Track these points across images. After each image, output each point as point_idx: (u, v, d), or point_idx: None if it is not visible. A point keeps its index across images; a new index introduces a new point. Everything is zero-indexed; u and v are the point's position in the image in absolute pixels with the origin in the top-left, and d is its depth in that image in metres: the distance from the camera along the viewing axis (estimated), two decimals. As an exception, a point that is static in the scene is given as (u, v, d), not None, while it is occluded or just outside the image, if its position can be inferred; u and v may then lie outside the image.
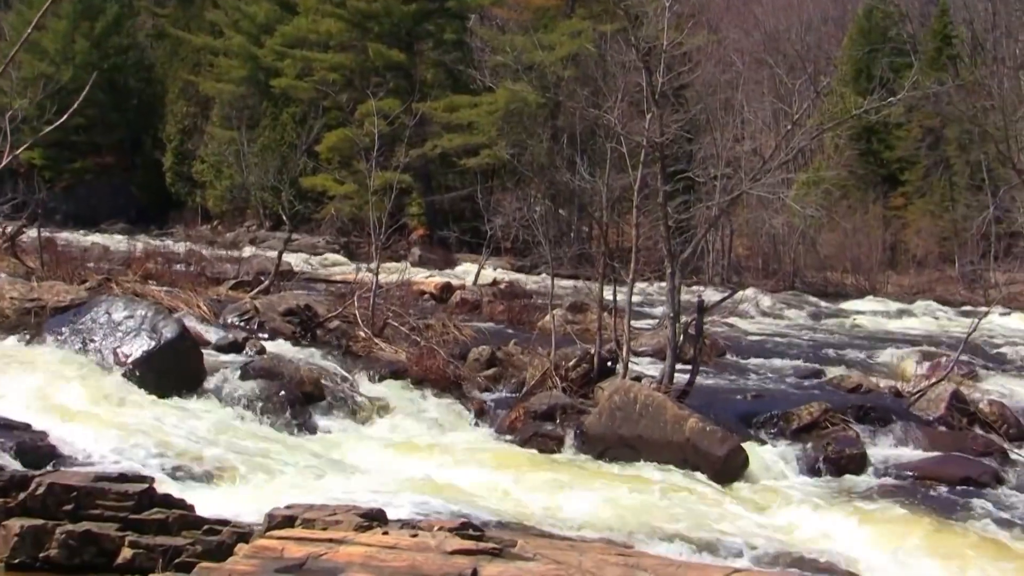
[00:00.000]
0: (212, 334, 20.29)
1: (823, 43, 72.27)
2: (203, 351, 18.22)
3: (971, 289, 47.85)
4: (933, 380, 20.06)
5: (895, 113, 47.50)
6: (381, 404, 17.76)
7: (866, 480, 15.88)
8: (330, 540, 8.25)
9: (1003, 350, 27.41)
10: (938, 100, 49.50)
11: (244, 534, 8.96)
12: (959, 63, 56.60)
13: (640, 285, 25.16)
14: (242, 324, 21.76)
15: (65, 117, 26.85)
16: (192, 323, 19.96)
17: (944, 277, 52.34)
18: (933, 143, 56.91)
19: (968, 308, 37.39)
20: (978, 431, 17.86)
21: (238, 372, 17.43)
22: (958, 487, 15.28)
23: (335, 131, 53.61)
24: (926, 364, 23.61)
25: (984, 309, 25.43)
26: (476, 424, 17.65)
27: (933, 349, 25.96)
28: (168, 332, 17.20)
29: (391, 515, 8.98)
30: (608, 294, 21.02)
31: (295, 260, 39.71)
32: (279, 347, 20.16)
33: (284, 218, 31.23)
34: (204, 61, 70.64)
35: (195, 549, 8.78)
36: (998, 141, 49.69)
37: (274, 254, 31.45)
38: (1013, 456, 16.80)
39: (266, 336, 20.96)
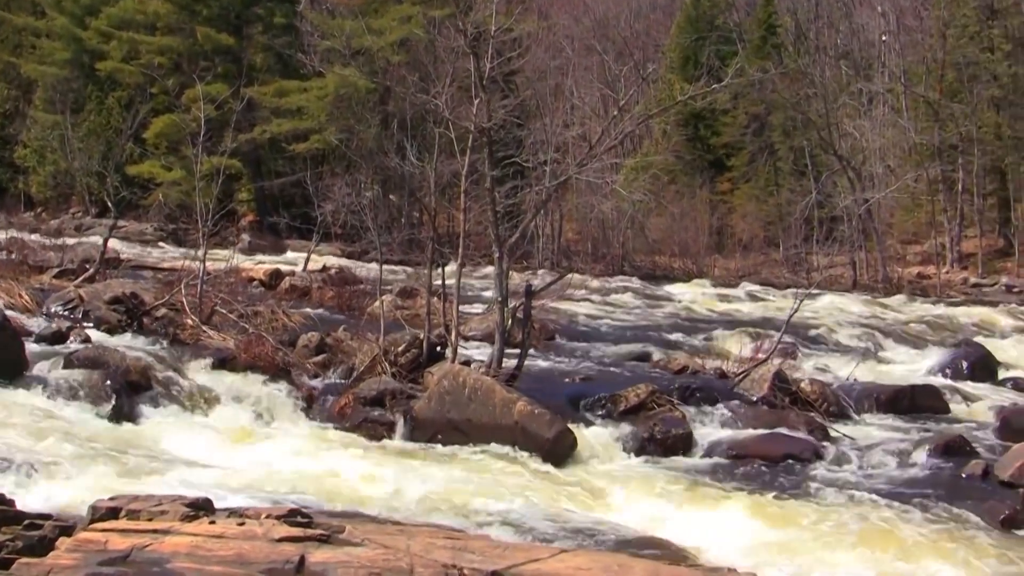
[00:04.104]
0: (34, 324, 19.94)
1: (651, 30, 73.31)
2: (24, 341, 17.86)
3: (794, 272, 48.99)
4: (757, 361, 20.51)
5: (721, 100, 48.63)
6: (209, 392, 17.55)
7: (693, 459, 16.22)
8: (155, 531, 8.16)
9: (823, 330, 28.11)
10: (763, 87, 50.86)
11: (67, 528, 8.79)
12: (783, 52, 57.93)
13: (482, 270, 25.30)
14: (66, 313, 21.41)
15: None
16: (13, 313, 19.57)
17: (769, 260, 53.54)
18: (758, 129, 58.16)
19: (791, 290, 38.16)
20: (799, 410, 18.33)
21: (61, 362, 17.13)
22: (781, 463, 15.67)
23: (162, 116, 52.82)
24: (750, 345, 24.14)
25: (806, 291, 25.99)
26: (305, 411, 17.55)
27: (757, 330, 26.53)
28: (-14, 322, 16.83)
29: (218, 504, 8.90)
30: (437, 279, 21.09)
31: (122, 247, 38.96)
32: (105, 336, 19.87)
33: (110, 205, 30.70)
34: (26, 42, 68.70)
35: (15, 545, 8.56)
36: (820, 128, 51.20)
37: (100, 241, 30.86)
38: (832, 433, 17.28)
39: (91, 325, 20.65)
